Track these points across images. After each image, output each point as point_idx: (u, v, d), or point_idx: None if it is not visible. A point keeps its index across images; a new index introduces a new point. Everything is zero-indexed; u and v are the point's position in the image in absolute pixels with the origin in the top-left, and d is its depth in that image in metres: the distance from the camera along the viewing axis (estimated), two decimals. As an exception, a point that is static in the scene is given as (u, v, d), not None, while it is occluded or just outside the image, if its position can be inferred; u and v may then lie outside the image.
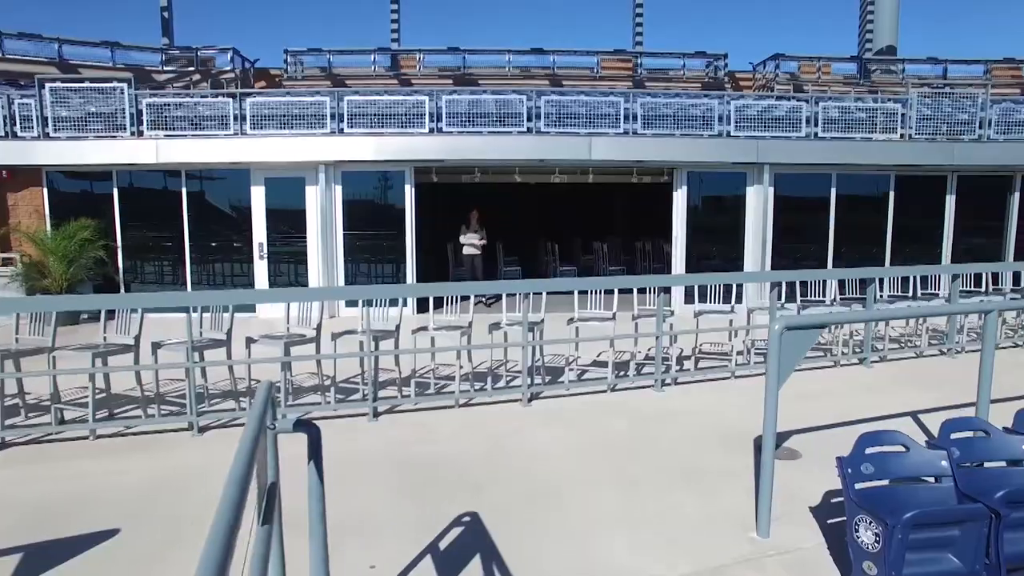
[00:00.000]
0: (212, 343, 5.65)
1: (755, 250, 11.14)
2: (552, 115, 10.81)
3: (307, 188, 10.74)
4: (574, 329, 6.55)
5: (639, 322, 6.84)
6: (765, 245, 11.04)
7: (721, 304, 7.50)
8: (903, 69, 17.24)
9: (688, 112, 11.14)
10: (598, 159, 10.55)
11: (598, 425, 5.39)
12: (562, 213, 18.27)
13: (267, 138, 10.42)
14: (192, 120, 10.73)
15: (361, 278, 11.02)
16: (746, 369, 7.04)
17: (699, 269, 11.28)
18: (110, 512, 3.76)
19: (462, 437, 5.12)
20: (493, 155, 10.51)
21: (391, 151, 10.44)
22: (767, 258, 11.09)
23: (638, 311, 6.94)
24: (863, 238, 11.49)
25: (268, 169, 10.69)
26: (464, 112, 10.81)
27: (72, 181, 10.96)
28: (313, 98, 10.74)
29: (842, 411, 5.50)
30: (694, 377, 6.77)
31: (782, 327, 3.31)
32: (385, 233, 10.98)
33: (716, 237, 11.42)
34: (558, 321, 6.69)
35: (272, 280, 10.93)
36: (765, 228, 11.02)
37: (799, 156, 10.85)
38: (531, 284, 5.90)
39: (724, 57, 16.92)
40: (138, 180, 10.86)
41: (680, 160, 10.79)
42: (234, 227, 10.95)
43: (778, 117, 11.12)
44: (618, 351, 7.12)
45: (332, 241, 10.72)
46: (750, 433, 5.05)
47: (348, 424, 5.39)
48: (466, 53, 16.74)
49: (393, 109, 10.70)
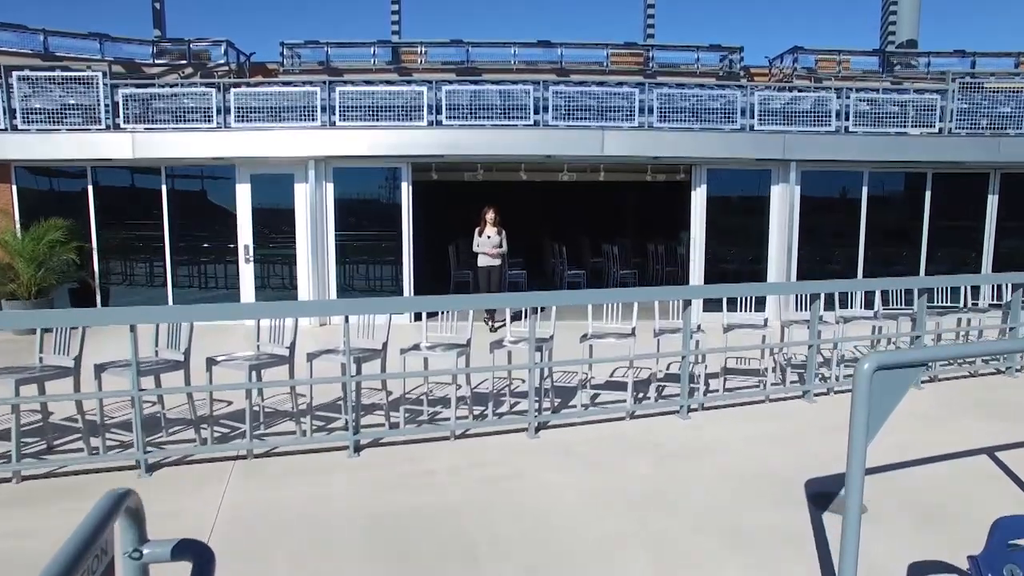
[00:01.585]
0: (166, 365, 4.85)
1: (780, 254, 10.31)
2: (561, 108, 10.00)
3: (296, 186, 9.96)
4: (587, 347, 5.73)
5: (660, 339, 6.03)
6: (791, 248, 10.20)
7: (751, 313, 6.66)
8: (928, 63, 16.38)
9: (706, 105, 10.31)
10: (611, 155, 9.74)
11: (617, 464, 4.59)
12: (568, 212, 17.45)
13: (252, 132, 9.65)
14: (175, 113, 9.97)
15: (354, 283, 10.24)
16: (780, 390, 6.22)
17: (719, 274, 10.46)
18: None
19: (458, 480, 4.32)
20: (497, 150, 9.70)
21: (387, 146, 9.65)
22: (793, 263, 10.26)
23: (660, 326, 6.13)
24: (896, 241, 10.64)
25: (254, 165, 9.91)
26: (466, 104, 10.01)
27: (44, 178, 10.21)
28: (302, 88, 9.96)
29: (898, 446, 4.68)
30: (723, 400, 5.95)
31: (873, 367, 2.50)
32: (380, 234, 10.19)
33: (737, 239, 10.59)
34: (568, 332, 5.88)
35: (259, 284, 10.17)
36: (791, 230, 10.18)
37: (829, 152, 10.00)
38: (540, 297, 5.08)
39: (739, 50, 16.11)
40: (115, 177, 10.10)
41: (700, 156, 9.97)
42: (219, 228, 10.18)
43: (803, 111, 10.29)
44: (636, 366, 6.33)
45: (323, 243, 9.94)
46: (797, 476, 4.24)
47: (324, 462, 4.59)
48: (469, 46, 15.97)
49: (389, 101, 9.91)
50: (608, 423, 5.41)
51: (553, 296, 5.35)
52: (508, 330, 5.77)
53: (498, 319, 9.37)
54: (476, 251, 9.57)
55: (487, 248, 9.43)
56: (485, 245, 9.45)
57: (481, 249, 9.49)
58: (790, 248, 10.20)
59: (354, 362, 4.73)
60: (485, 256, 9.45)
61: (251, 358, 4.95)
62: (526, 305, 4.97)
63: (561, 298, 5.50)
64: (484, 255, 9.47)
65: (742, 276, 10.61)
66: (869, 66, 16.36)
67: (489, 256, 9.43)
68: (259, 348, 5.22)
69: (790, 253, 10.21)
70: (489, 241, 9.43)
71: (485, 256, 9.45)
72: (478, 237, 9.49)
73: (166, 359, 4.92)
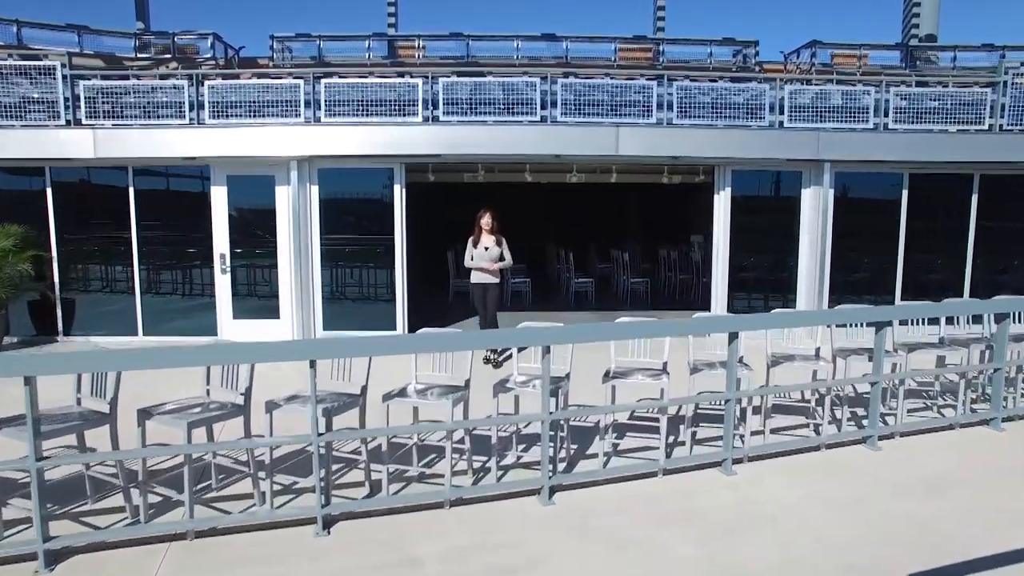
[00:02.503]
0: (80, 421, 3.86)
1: (811, 263, 9.34)
2: (570, 103, 9.03)
3: (277, 189, 8.99)
4: (611, 388, 4.77)
5: (696, 373, 5.07)
6: (824, 257, 9.23)
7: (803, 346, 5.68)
8: (954, 57, 15.42)
9: (729, 99, 9.34)
10: (627, 155, 8.76)
11: (652, 545, 3.64)
12: (571, 214, 16.49)
13: (228, 129, 8.68)
14: (147, 109, 9.01)
15: (343, 292, 9.28)
16: (836, 434, 5.26)
17: (743, 283, 9.51)
18: None
19: (453, 573, 3.36)
20: (500, 149, 8.73)
21: (378, 144, 8.68)
22: (825, 273, 9.29)
23: (696, 358, 5.17)
24: (938, 248, 9.67)
25: (231, 166, 8.95)
26: (465, 99, 9.05)
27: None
28: (284, 81, 9.01)
29: (998, 521, 3.73)
30: (771, 448, 4.99)
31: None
32: (370, 241, 9.23)
33: (763, 247, 9.62)
34: (585, 356, 4.89)
35: (236, 296, 9.20)
36: (824, 237, 9.21)
37: (867, 151, 9.03)
38: (558, 334, 4.11)
39: (754, 44, 15.14)
40: (77, 177, 9.13)
41: (724, 156, 9.00)
42: (192, 235, 9.22)
43: (834, 107, 9.31)
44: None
45: (307, 252, 8.98)
46: (883, 563, 3.29)
47: (284, 543, 3.63)
48: (470, 39, 15.01)
49: (381, 95, 8.95)
50: (636, 481, 4.45)
51: (574, 332, 4.36)
52: (515, 365, 4.80)
53: (495, 356, 7.76)
54: (469, 266, 7.74)
55: (483, 263, 7.60)
56: (481, 259, 7.61)
57: (475, 264, 7.65)
58: (823, 257, 9.23)
59: (323, 415, 3.78)
60: (481, 273, 7.66)
61: (195, 410, 3.98)
62: (539, 343, 4.00)
63: (584, 334, 4.51)
64: (480, 271, 7.65)
65: (768, 286, 9.66)
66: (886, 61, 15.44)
67: (486, 273, 7.65)
68: (208, 394, 4.25)
69: (822, 262, 9.24)
70: (486, 254, 7.60)
71: (481, 273, 7.66)
72: (472, 248, 7.71)
73: (85, 412, 3.94)
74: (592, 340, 4.47)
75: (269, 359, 4.17)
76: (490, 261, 7.66)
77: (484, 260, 7.67)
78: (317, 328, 9.15)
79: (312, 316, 9.11)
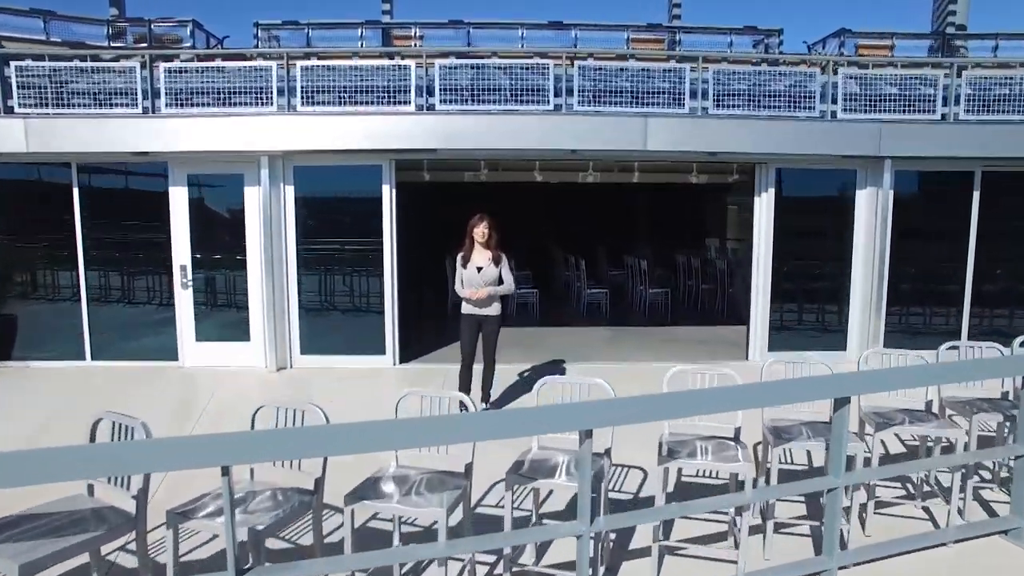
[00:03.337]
0: None
1: (866, 275, 8.05)
2: (587, 90, 7.74)
3: (246, 189, 7.70)
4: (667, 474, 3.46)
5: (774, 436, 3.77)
6: (882, 267, 7.93)
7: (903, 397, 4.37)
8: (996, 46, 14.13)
9: (769, 87, 8.05)
10: (656, 150, 7.45)
11: None
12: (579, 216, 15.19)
13: (188, 119, 7.40)
14: (98, 97, 7.72)
15: (322, 315, 7.98)
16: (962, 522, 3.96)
17: (786, 295, 8.22)
18: None
19: None
20: (506, 143, 7.43)
21: (363, 137, 7.38)
22: (883, 286, 7.99)
23: (772, 418, 3.86)
24: (1018, 256, 8.35)
25: (191, 162, 7.66)
26: (466, 86, 7.76)
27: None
28: (254, 62, 7.72)
29: None
30: (882, 550, 3.67)
31: None
32: (355, 251, 7.95)
33: (810, 256, 8.31)
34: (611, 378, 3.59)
35: (200, 314, 7.91)
36: (883, 246, 7.91)
37: (935, 146, 7.73)
38: (606, 411, 2.76)
39: (778, 33, 13.84)
40: (11, 174, 7.84)
41: (769, 152, 7.69)
42: (149, 244, 7.93)
43: (888, 95, 8.01)
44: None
45: (281, 264, 7.69)
46: None
47: None
48: (471, 27, 13.75)
49: (368, 81, 7.66)
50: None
51: (634, 408, 2.95)
52: (533, 444, 3.49)
53: (488, 403, 6.16)
54: (459, 292, 5.99)
55: (477, 289, 5.81)
56: (473, 282, 5.85)
57: (466, 289, 5.88)
58: (880, 267, 7.93)
59: (249, 536, 2.47)
60: (471, 303, 5.88)
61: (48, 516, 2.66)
62: (580, 428, 2.64)
63: (648, 408, 3.09)
64: (470, 302, 5.88)
65: (817, 298, 8.36)
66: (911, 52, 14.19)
67: (478, 302, 5.85)
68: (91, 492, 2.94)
69: (880, 274, 7.94)
70: (480, 276, 5.84)
71: (471, 303, 5.88)
72: (462, 268, 5.95)
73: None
74: (660, 417, 3.16)
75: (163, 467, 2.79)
76: (484, 287, 5.85)
77: (478, 284, 5.87)
78: (293, 352, 7.87)
79: (287, 338, 7.82)
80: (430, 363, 7.96)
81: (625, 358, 8.37)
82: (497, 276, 5.92)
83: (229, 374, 7.50)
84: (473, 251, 5.95)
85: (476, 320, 5.90)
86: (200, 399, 6.62)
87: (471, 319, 5.93)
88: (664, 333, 9.86)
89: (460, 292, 5.97)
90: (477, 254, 5.93)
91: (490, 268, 5.89)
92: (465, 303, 5.97)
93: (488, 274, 5.88)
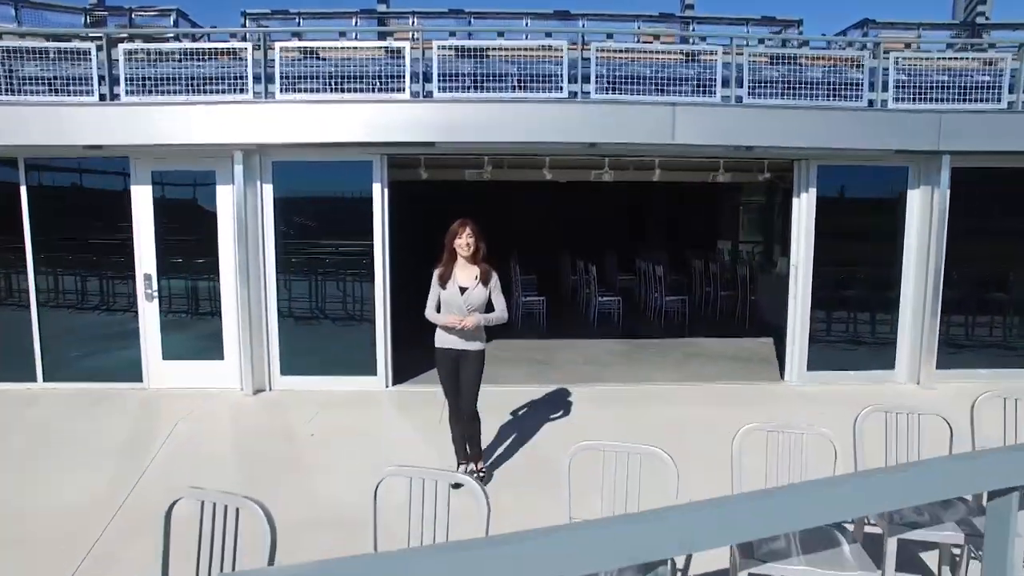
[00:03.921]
0: None
1: (918, 285, 7.15)
2: (604, 77, 6.83)
3: (219, 188, 6.79)
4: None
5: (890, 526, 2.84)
6: (936, 275, 7.01)
7: None
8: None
9: (803, 74, 7.17)
10: (684, 143, 6.54)
11: None
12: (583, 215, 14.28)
13: (150, 107, 6.48)
14: (52, 84, 6.81)
15: (305, 329, 7.06)
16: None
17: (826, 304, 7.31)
18: None
19: None
20: (513, 136, 6.50)
21: (350, 129, 6.47)
22: (938, 296, 7.08)
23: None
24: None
25: (157, 157, 6.74)
26: (467, 72, 6.86)
27: None
28: (226, 44, 6.82)
29: None
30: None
31: None
32: (343, 258, 7.04)
33: (853, 262, 7.40)
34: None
35: (167, 329, 6.99)
36: (938, 251, 7.00)
37: (1002, 139, 6.81)
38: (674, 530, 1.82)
39: (798, 24, 12.98)
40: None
41: (812, 146, 6.78)
42: (109, 249, 7.02)
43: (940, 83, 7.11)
44: None
45: (258, 272, 6.78)
46: None
47: None
48: (472, 16, 12.88)
49: (357, 68, 6.76)
50: None
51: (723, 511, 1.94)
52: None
53: (481, 465, 4.84)
54: (433, 319, 4.63)
55: (462, 316, 4.49)
56: (454, 305, 4.55)
57: (443, 316, 4.58)
58: (936, 275, 7.01)
59: None
60: (451, 335, 4.58)
61: None
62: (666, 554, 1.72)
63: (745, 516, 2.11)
64: (449, 332, 4.57)
65: (862, 310, 7.44)
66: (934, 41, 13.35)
67: (459, 337, 4.55)
68: None
69: (936, 282, 7.02)
70: (463, 299, 4.53)
71: (451, 335, 4.58)
72: (439, 287, 4.62)
73: None
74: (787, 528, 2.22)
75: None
76: (471, 312, 4.54)
77: (460, 310, 4.54)
78: (273, 372, 6.95)
79: (266, 356, 6.91)
80: (427, 384, 6.99)
81: (646, 377, 7.47)
82: (485, 299, 4.61)
83: (200, 398, 6.59)
84: (454, 266, 4.62)
85: (453, 356, 4.61)
86: (159, 432, 5.70)
87: (447, 355, 4.62)
88: (685, 346, 8.95)
89: (435, 319, 4.61)
90: (460, 271, 4.61)
91: (477, 289, 4.58)
92: (440, 333, 4.62)
93: (474, 297, 4.56)
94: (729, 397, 6.80)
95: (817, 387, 7.05)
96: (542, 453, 5.20)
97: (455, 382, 4.65)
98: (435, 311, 4.63)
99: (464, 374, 4.61)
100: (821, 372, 7.24)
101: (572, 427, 5.76)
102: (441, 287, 4.62)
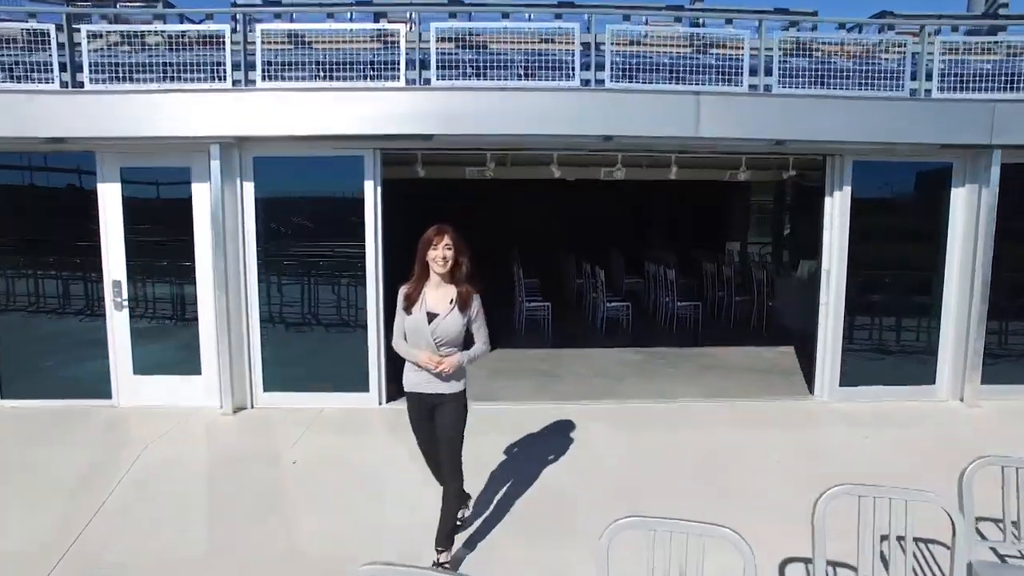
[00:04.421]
0: None
1: (962, 292, 6.52)
2: (618, 64, 6.21)
3: (194, 186, 6.15)
4: None
5: None
6: (984, 281, 6.37)
7: None
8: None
9: (835, 62, 6.55)
10: (710, 136, 5.89)
11: None
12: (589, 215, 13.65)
13: (117, 96, 5.84)
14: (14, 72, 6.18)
15: (289, 340, 6.42)
16: None
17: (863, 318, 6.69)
18: None
19: None
20: (520, 127, 5.86)
21: (339, 120, 5.83)
22: (985, 307, 6.44)
23: None
24: None
25: (124, 151, 6.11)
26: (468, 59, 6.24)
27: None
28: (199, 26, 6.19)
29: None
30: None
31: None
32: (331, 262, 6.41)
33: (891, 267, 6.76)
34: None
35: (139, 341, 6.36)
36: (985, 256, 6.36)
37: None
38: None
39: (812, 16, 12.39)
40: None
41: (849, 141, 6.15)
42: (75, 252, 6.38)
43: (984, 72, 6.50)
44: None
45: (237, 278, 6.15)
46: None
47: None
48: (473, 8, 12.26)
49: (347, 55, 6.14)
50: None
51: None
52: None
53: (446, 557, 3.56)
54: (401, 352, 3.60)
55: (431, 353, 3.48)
56: (421, 336, 3.50)
57: (415, 351, 3.52)
58: (983, 281, 6.37)
59: None
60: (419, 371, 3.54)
61: None
62: None
63: None
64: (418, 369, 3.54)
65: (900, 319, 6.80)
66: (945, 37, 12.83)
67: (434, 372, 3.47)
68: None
69: (984, 290, 6.39)
70: (432, 329, 3.48)
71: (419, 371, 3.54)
72: (403, 312, 3.56)
73: None
74: None
75: None
76: (441, 345, 3.49)
77: (425, 342, 3.49)
78: (255, 388, 6.33)
79: (247, 370, 6.29)
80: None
81: (661, 393, 6.84)
82: (461, 331, 3.51)
83: (174, 417, 5.97)
84: (425, 285, 3.55)
85: (426, 402, 3.56)
86: (123, 459, 5.05)
87: (420, 402, 3.58)
88: (701, 357, 8.33)
89: (403, 352, 3.58)
90: (432, 291, 3.53)
91: (451, 316, 3.48)
92: (409, 372, 3.58)
93: (445, 327, 3.48)
94: (758, 416, 6.17)
95: (852, 404, 6.43)
96: (553, 488, 4.56)
97: (430, 434, 3.62)
98: (403, 340, 3.59)
99: (442, 426, 3.55)
100: (854, 388, 6.61)
101: (587, 456, 5.12)
102: (406, 311, 3.52)
